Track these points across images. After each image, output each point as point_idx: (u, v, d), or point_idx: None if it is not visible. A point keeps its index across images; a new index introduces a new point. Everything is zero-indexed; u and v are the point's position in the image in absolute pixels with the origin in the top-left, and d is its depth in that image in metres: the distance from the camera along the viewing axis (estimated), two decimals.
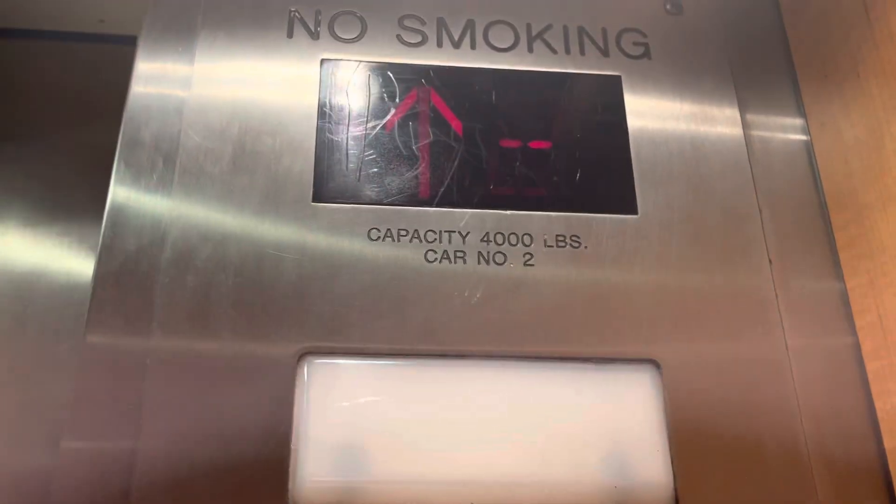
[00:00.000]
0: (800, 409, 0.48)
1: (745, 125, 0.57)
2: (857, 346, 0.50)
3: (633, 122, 0.56)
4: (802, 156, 0.57)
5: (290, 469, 0.43)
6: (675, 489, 0.45)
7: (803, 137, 0.57)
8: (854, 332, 0.51)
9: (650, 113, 0.56)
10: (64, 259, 0.69)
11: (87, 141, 0.74)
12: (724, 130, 0.56)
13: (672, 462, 0.46)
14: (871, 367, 0.49)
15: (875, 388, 0.49)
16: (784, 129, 0.58)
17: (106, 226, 0.48)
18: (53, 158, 0.74)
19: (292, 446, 0.44)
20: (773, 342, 0.50)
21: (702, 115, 0.56)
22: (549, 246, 0.51)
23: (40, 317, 0.66)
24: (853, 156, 0.52)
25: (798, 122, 0.58)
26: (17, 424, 0.59)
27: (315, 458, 0.44)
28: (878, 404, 0.48)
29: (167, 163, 0.50)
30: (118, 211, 0.49)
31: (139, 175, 0.50)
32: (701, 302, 0.50)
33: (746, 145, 0.56)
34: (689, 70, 0.58)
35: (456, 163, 0.53)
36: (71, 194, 0.72)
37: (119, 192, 0.49)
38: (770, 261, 0.52)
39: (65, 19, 0.78)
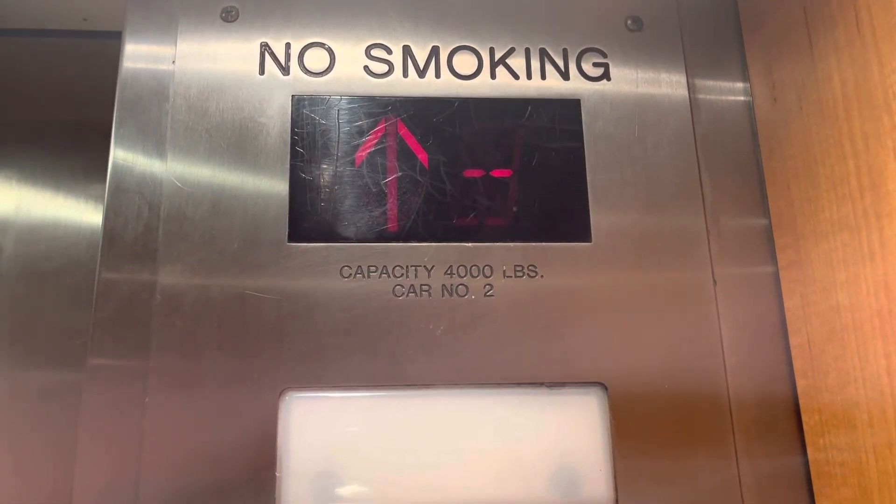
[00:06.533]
0: (734, 424, 0.54)
1: (698, 140, 0.60)
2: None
3: (590, 146, 0.58)
4: (754, 176, 0.60)
5: (276, 496, 0.50)
6: (617, 501, 0.52)
7: (758, 158, 0.60)
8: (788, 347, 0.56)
9: (607, 138, 0.59)
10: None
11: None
12: (678, 150, 0.59)
13: (614, 478, 0.52)
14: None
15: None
16: (739, 152, 0.61)
17: (99, 280, 0.53)
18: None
19: (277, 474, 0.50)
20: (712, 360, 0.55)
21: (656, 135, 0.59)
22: (507, 276, 0.55)
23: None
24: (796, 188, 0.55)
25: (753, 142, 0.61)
26: None
27: (297, 484, 0.50)
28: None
29: (152, 209, 0.54)
30: (109, 265, 0.53)
31: (126, 224, 0.54)
32: (646, 325, 0.55)
33: (698, 164, 0.59)
34: (646, 88, 0.60)
35: (422, 197, 0.56)
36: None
37: (108, 241, 0.54)
38: (714, 282, 0.56)
39: (49, 19, 0.80)
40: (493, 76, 0.60)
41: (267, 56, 0.59)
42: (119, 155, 0.56)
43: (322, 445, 0.51)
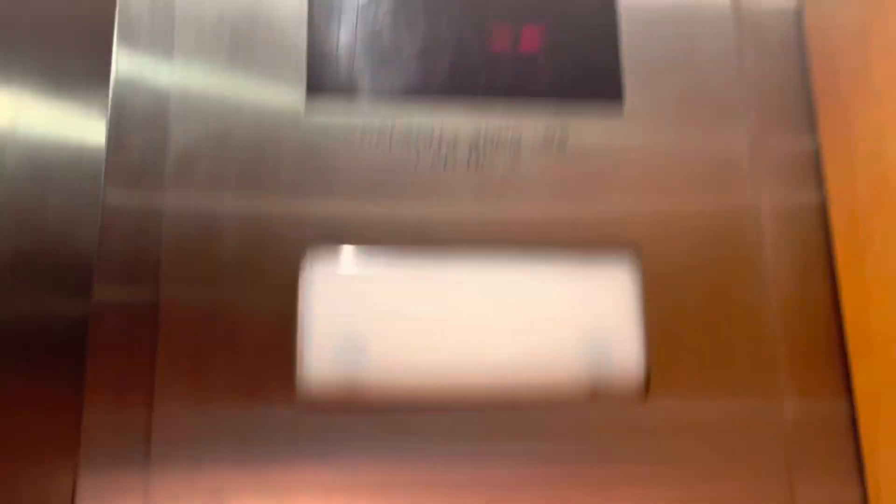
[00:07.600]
0: (768, 297, 0.52)
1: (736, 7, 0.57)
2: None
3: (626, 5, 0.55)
4: (791, 39, 0.57)
5: (298, 360, 0.48)
6: (647, 371, 0.50)
7: (795, 26, 0.57)
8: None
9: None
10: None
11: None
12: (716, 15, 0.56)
13: (645, 344, 0.50)
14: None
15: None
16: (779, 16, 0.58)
17: (109, 136, 0.50)
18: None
19: (299, 338, 0.48)
20: (749, 232, 0.53)
21: None
22: (537, 142, 0.53)
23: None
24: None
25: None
26: None
27: (320, 349, 0.48)
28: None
29: (167, 47, 0.51)
30: (121, 102, 0.50)
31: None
32: (679, 190, 0.53)
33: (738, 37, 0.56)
34: None
35: (448, 60, 0.53)
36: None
37: (123, 70, 0.51)
38: (752, 153, 0.54)
39: None
40: None
41: None
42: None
43: (346, 309, 0.49)
